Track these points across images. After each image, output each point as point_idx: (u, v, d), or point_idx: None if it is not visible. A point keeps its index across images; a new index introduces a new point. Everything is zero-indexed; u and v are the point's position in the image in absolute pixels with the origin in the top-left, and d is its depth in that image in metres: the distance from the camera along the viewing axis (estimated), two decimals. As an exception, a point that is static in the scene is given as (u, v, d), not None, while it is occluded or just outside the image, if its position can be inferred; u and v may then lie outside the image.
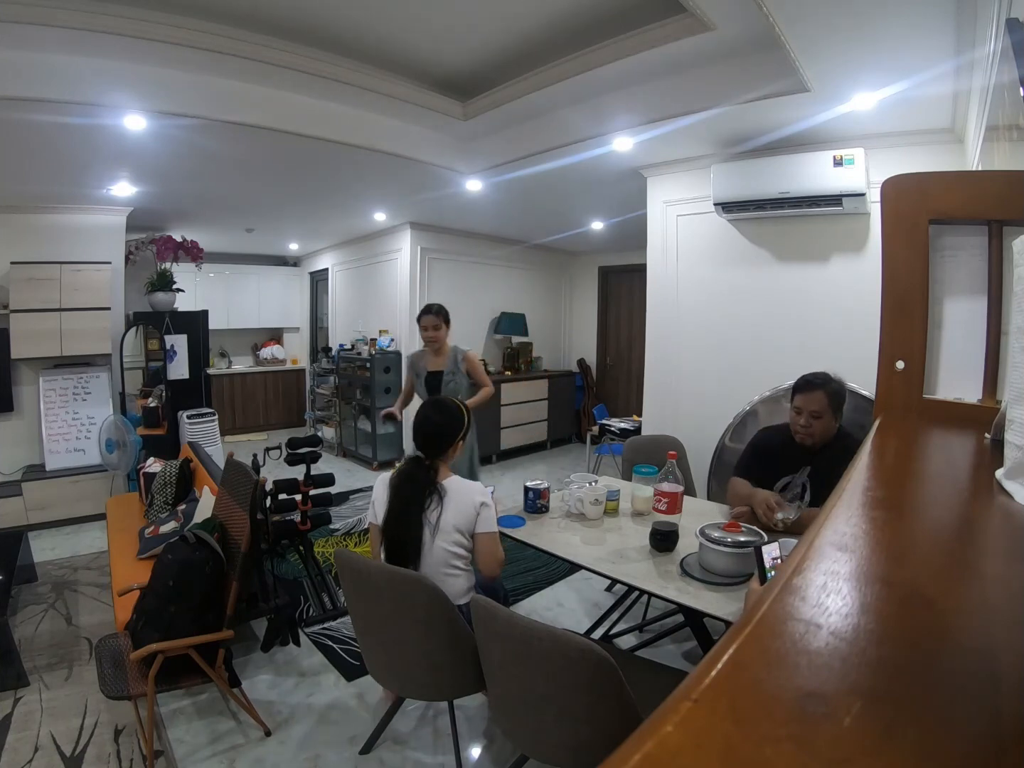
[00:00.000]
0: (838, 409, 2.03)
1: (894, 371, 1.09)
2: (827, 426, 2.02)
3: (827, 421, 2.01)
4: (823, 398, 2.00)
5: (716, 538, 1.67)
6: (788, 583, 0.42)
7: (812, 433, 2.02)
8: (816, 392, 2.01)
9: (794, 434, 2.09)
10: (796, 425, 2.07)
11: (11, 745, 1.95)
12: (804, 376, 2.10)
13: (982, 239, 1.01)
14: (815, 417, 2.01)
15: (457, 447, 1.94)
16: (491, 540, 1.82)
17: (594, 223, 5.35)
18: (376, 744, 1.99)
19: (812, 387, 2.03)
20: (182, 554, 1.99)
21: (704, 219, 3.33)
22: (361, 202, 4.70)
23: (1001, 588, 0.46)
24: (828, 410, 2.00)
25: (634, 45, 2.30)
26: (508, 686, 1.44)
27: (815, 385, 2.03)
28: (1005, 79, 1.24)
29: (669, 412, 3.57)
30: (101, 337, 4.26)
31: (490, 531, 1.82)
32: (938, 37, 1.87)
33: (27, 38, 2.13)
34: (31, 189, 3.80)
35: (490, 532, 1.82)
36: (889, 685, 0.32)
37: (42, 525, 3.98)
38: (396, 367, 5.75)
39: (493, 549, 1.81)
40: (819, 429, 2.01)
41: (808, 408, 2.02)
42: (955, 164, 2.51)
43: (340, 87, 2.70)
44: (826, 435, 2.04)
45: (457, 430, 1.92)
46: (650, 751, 0.26)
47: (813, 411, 2.01)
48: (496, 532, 1.85)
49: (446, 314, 3.24)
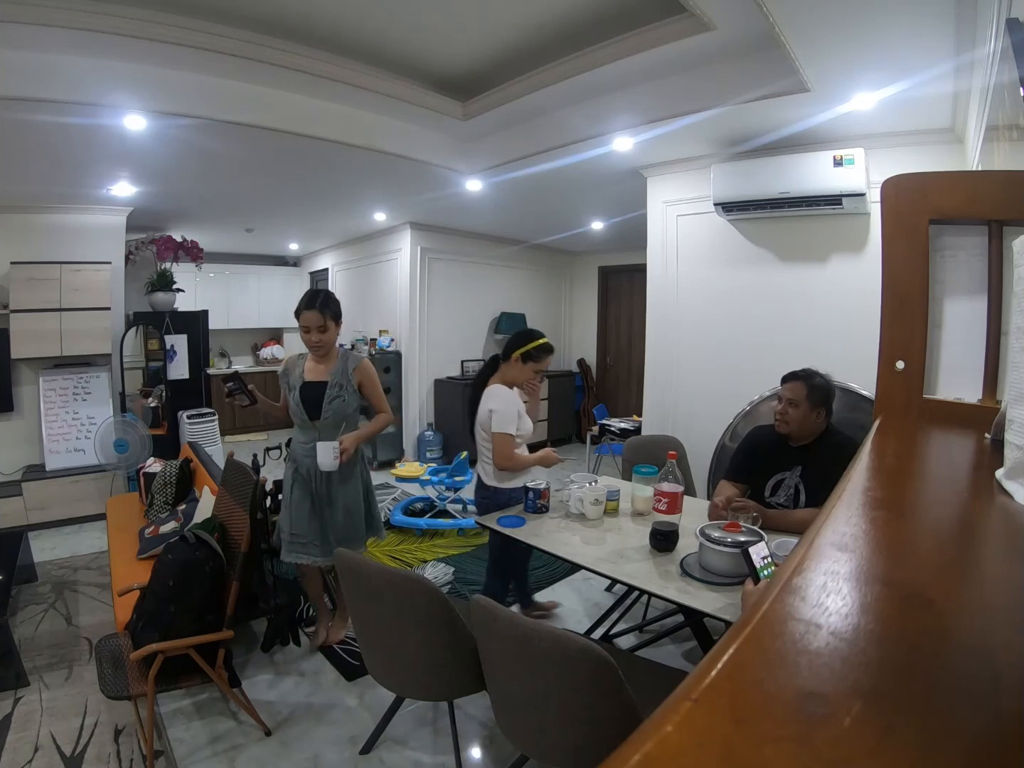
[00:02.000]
0: (820, 404, 2.08)
1: (894, 371, 1.09)
2: (802, 416, 2.08)
3: (803, 411, 2.08)
4: (801, 387, 2.08)
5: (716, 538, 1.67)
6: (788, 583, 0.42)
7: (788, 420, 2.10)
8: (796, 382, 2.11)
9: (775, 422, 2.17)
10: (775, 412, 2.16)
11: (11, 745, 1.95)
12: (791, 370, 2.20)
13: (982, 239, 1.01)
14: (792, 405, 2.09)
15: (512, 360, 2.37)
16: (498, 439, 2.28)
17: (594, 223, 5.35)
18: (376, 744, 1.99)
19: (794, 378, 2.13)
20: (182, 554, 1.99)
21: (704, 219, 3.33)
22: (361, 202, 4.70)
23: (1001, 588, 0.46)
24: (805, 401, 2.07)
25: (634, 45, 2.30)
26: (508, 686, 1.44)
27: (796, 376, 2.13)
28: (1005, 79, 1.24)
29: (669, 412, 3.57)
30: (101, 337, 4.27)
31: (497, 431, 2.28)
32: (938, 37, 1.87)
33: (27, 38, 2.13)
34: (31, 189, 3.80)
35: (497, 432, 2.28)
36: (889, 685, 0.32)
37: (42, 525, 3.98)
38: (396, 367, 5.75)
39: (499, 447, 2.28)
40: (794, 417, 2.09)
41: (786, 395, 2.12)
42: (955, 164, 2.51)
43: (340, 87, 2.70)
44: (802, 427, 2.09)
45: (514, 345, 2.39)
46: (650, 751, 0.26)
47: (790, 399, 2.10)
48: (502, 432, 2.27)
49: (335, 308, 2.35)
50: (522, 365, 2.37)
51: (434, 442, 5.72)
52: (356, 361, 2.43)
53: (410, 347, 5.73)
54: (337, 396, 2.35)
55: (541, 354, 2.37)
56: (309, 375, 2.39)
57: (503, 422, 2.28)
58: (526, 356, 2.36)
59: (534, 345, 2.36)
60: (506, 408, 2.30)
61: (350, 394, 2.38)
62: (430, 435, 5.73)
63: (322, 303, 2.30)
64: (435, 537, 3.91)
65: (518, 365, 2.37)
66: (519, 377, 2.39)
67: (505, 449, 2.28)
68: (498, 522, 2.14)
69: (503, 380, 2.40)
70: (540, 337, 2.40)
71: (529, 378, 2.39)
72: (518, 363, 2.37)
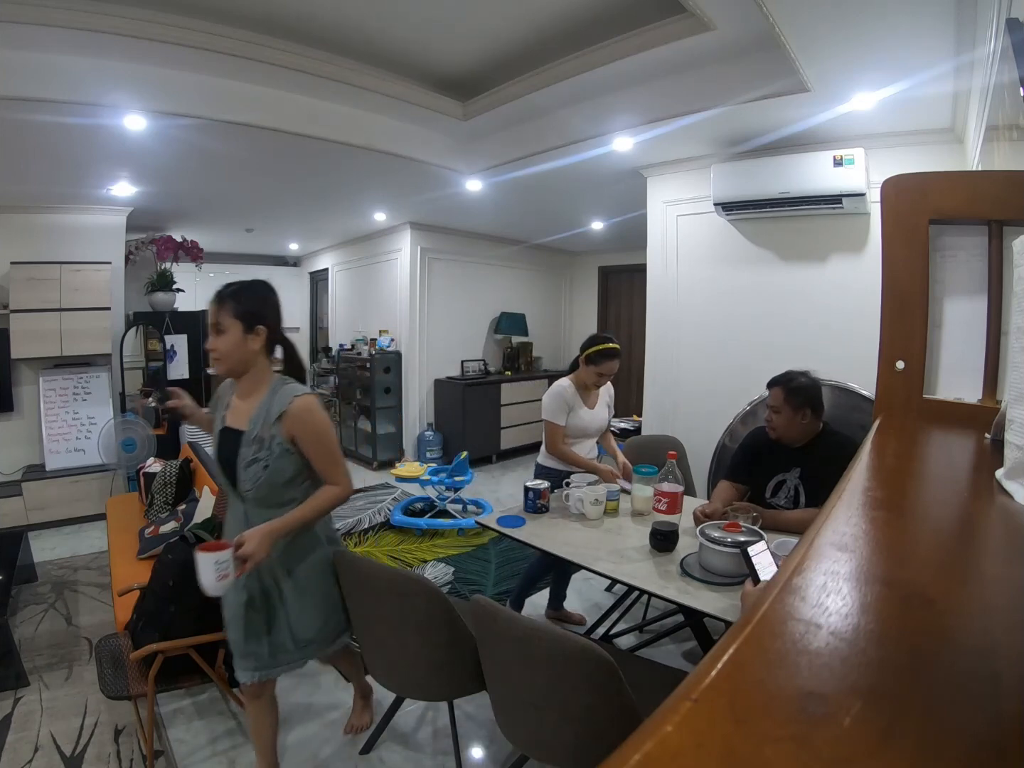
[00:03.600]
0: (802, 405, 2.08)
1: (894, 371, 1.09)
2: (788, 421, 2.09)
3: (786, 416, 2.09)
4: (779, 393, 2.10)
5: (716, 538, 1.67)
6: (788, 583, 0.42)
7: (774, 427, 2.13)
8: (775, 388, 2.13)
9: (767, 428, 2.20)
10: (765, 419, 2.19)
11: (11, 745, 1.95)
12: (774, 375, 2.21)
13: (982, 239, 1.01)
14: (774, 412, 2.12)
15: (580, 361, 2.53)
16: (545, 426, 2.53)
17: (594, 223, 5.35)
18: (376, 744, 1.99)
19: (773, 384, 2.15)
20: (182, 554, 1.99)
21: (704, 219, 3.33)
22: (361, 202, 4.70)
23: (1001, 588, 0.46)
24: (785, 405, 2.08)
25: (634, 45, 2.30)
26: (508, 686, 1.44)
27: (775, 382, 2.15)
28: (1005, 79, 1.24)
29: (669, 412, 3.57)
30: (101, 337, 4.27)
31: (544, 418, 2.53)
32: (938, 37, 1.87)
33: (27, 38, 2.13)
34: (31, 189, 3.80)
35: (544, 419, 2.53)
36: (889, 685, 0.32)
37: (42, 525, 3.98)
38: (396, 367, 5.75)
39: (546, 433, 2.53)
40: (779, 423, 2.11)
41: (768, 402, 2.15)
42: (955, 164, 2.51)
43: (340, 87, 2.70)
44: (789, 430, 2.10)
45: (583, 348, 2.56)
46: (650, 751, 0.26)
47: (771, 405, 2.13)
48: (547, 420, 2.51)
49: (248, 304, 1.54)
50: (586, 367, 2.52)
51: (434, 442, 5.72)
52: (284, 401, 1.50)
53: (410, 347, 5.73)
54: (254, 459, 1.50)
55: (600, 358, 2.48)
56: (232, 416, 1.60)
57: (547, 411, 2.52)
58: (588, 359, 2.50)
59: (594, 350, 2.49)
60: (551, 399, 2.52)
61: (277, 456, 1.50)
62: (430, 435, 5.73)
63: (230, 294, 1.53)
64: (435, 537, 3.91)
65: (583, 367, 2.53)
66: (586, 378, 2.53)
67: (550, 435, 2.52)
68: (498, 522, 2.14)
69: (576, 379, 2.57)
70: (604, 342, 2.50)
71: (593, 380, 2.52)
72: (583, 365, 2.53)
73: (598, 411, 2.62)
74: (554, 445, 2.51)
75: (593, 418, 2.59)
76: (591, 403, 2.60)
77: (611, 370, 2.50)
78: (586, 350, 2.53)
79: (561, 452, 2.51)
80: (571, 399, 2.53)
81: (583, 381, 2.55)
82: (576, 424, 2.55)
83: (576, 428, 2.55)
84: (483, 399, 5.76)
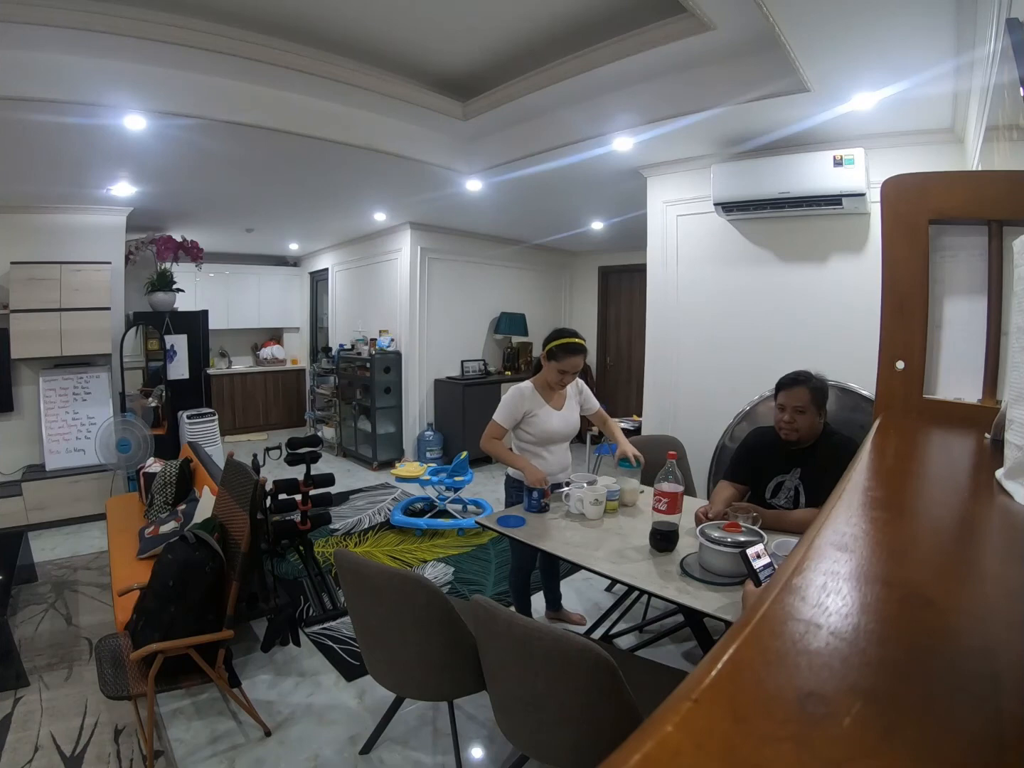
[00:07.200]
0: (821, 406, 2.08)
1: (894, 371, 1.09)
2: (811, 422, 2.06)
3: (811, 417, 2.06)
4: (806, 394, 2.05)
5: (716, 538, 1.67)
6: (788, 583, 0.42)
7: (797, 428, 2.06)
8: (799, 388, 2.06)
9: (779, 431, 2.12)
10: (780, 422, 2.11)
11: (11, 745, 1.95)
12: (787, 375, 2.15)
13: (982, 239, 1.01)
14: (799, 412, 2.05)
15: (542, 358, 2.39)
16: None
17: (594, 223, 5.35)
18: (376, 744, 1.99)
19: (795, 383, 2.08)
20: (182, 554, 1.99)
21: (704, 219, 3.33)
22: (361, 202, 4.70)
23: (1001, 588, 0.45)
24: (811, 405, 2.05)
25: (634, 45, 2.30)
26: (508, 686, 1.44)
27: (798, 381, 2.08)
28: (1005, 79, 1.24)
29: (669, 412, 3.57)
30: (101, 337, 4.27)
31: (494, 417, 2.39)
32: (938, 37, 1.87)
33: (27, 38, 2.13)
34: (31, 189, 3.80)
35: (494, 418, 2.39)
36: (889, 685, 0.32)
37: (42, 525, 3.98)
38: (396, 367, 5.75)
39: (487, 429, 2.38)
40: (804, 424, 2.06)
41: (791, 404, 2.07)
42: (955, 164, 2.51)
43: (340, 87, 2.70)
44: (811, 431, 2.08)
45: (544, 343, 2.41)
46: (650, 751, 0.26)
47: (796, 406, 2.06)
48: (493, 420, 2.38)
49: None
50: (547, 363, 2.36)
51: (434, 442, 5.72)
52: None
53: (410, 347, 5.73)
54: None
55: (562, 353, 2.29)
56: None
57: (498, 410, 2.40)
58: (550, 354, 2.33)
59: (555, 344, 2.32)
60: (505, 400, 2.40)
61: None
62: (430, 435, 5.73)
63: None
64: (435, 537, 3.91)
65: (545, 364, 2.37)
66: (548, 377, 2.37)
67: (485, 431, 2.39)
68: (498, 522, 2.14)
69: (538, 380, 2.41)
70: (564, 336, 2.32)
71: (556, 378, 2.33)
72: (545, 362, 2.37)
73: (567, 413, 2.44)
74: (484, 440, 2.36)
75: (563, 420, 2.41)
76: (556, 404, 2.41)
77: (575, 367, 2.30)
78: (547, 345, 2.35)
79: (491, 446, 2.36)
80: (530, 401, 2.36)
81: (545, 381, 2.38)
82: (541, 427, 2.37)
83: (542, 432, 2.37)
84: (483, 399, 5.75)
